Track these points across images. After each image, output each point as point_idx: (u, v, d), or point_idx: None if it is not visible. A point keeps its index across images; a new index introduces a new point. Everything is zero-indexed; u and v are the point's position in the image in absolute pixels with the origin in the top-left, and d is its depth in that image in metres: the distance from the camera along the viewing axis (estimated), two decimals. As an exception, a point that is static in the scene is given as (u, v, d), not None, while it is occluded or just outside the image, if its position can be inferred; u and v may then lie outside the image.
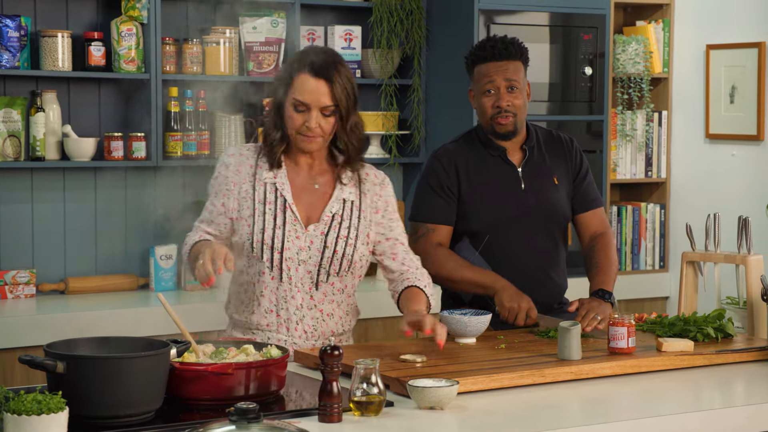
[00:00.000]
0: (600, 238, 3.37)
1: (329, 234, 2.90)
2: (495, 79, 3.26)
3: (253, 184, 2.90)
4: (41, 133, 4.22)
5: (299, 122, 2.85)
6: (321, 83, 2.82)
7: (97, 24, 4.42)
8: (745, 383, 2.81)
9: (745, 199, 4.89)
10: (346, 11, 4.87)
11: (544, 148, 3.38)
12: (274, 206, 2.89)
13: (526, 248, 3.32)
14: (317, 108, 2.83)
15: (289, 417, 2.37)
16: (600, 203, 3.44)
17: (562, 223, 3.40)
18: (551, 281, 3.36)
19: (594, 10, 4.90)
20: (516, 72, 3.27)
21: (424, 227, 3.33)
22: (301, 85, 2.83)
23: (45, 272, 4.38)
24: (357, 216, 2.94)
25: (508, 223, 3.30)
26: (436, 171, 3.34)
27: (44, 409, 2.07)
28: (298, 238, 2.88)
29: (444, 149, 3.38)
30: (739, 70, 4.98)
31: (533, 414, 2.46)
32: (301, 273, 2.90)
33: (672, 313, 4.93)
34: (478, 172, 3.33)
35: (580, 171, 3.41)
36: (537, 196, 3.32)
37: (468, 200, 3.31)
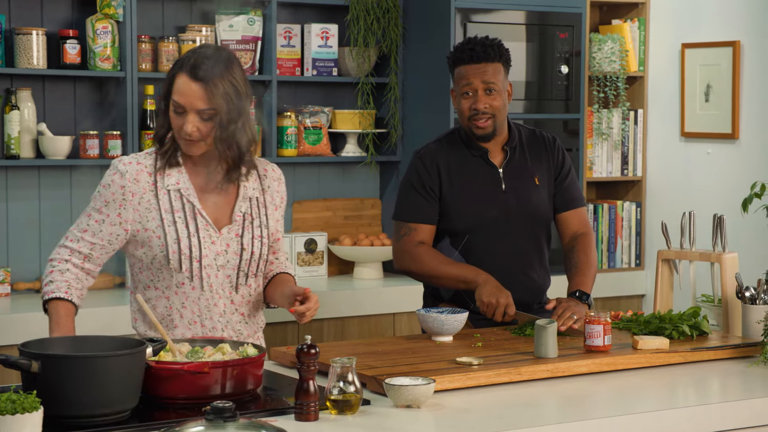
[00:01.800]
0: (580, 238, 3.37)
1: (244, 235, 2.81)
2: (472, 81, 3.26)
3: (155, 193, 2.75)
4: (16, 131, 4.19)
5: (177, 125, 2.72)
6: (197, 86, 2.68)
7: (73, 21, 4.40)
8: (720, 380, 2.83)
9: (720, 198, 4.91)
10: (323, 9, 4.86)
11: (526, 147, 3.39)
12: (183, 213, 2.75)
13: (506, 249, 3.33)
14: (193, 111, 2.69)
15: (266, 415, 2.36)
16: (582, 203, 3.44)
17: (543, 224, 3.40)
18: (531, 281, 3.37)
19: (570, 8, 4.92)
20: (494, 74, 3.27)
21: (406, 227, 3.33)
22: (179, 86, 2.70)
23: (20, 271, 4.36)
24: (264, 213, 2.86)
25: (488, 223, 3.31)
26: (418, 170, 3.34)
27: (18, 408, 2.05)
28: (214, 243, 2.77)
29: (426, 148, 3.38)
30: (715, 69, 5.01)
31: (510, 412, 2.46)
32: (221, 279, 2.79)
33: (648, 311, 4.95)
34: (460, 172, 3.33)
35: (561, 170, 3.41)
36: (517, 197, 3.33)
37: (449, 200, 3.32)
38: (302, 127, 4.75)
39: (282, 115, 4.70)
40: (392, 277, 4.78)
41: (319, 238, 4.80)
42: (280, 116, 4.69)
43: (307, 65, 4.77)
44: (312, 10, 4.84)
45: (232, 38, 4.58)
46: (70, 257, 2.77)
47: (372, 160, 4.89)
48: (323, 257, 4.81)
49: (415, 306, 4.24)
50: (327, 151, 4.81)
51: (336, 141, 4.93)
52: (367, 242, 4.77)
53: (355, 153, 4.88)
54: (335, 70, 4.81)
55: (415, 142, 4.84)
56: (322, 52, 4.77)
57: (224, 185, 2.80)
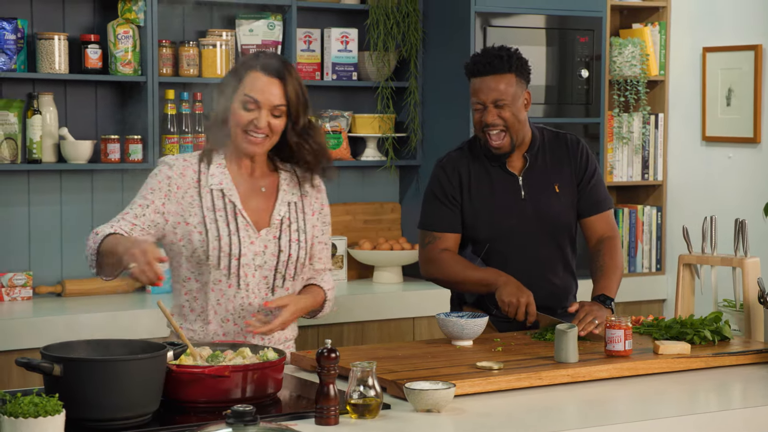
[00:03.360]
0: (606, 242, 3.34)
1: (281, 237, 2.85)
2: (482, 95, 3.24)
3: (198, 190, 2.82)
4: (38, 135, 4.22)
5: (246, 120, 2.77)
6: (273, 81, 2.77)
7: (94, 26, 4.42)
8: (742, 386, 2.81)
9: (741, 202, 4.89)
10: (343, 14, 4.87)
11: (547, 153, 3.36)
12: (225, 213, 2.81)
13: (527, 256, 3.32)
14: (268, 107, 2.77)
15: (286, 419, 2.37)
16: (608, 205, 3.40)
17: (565, 230, 3.38)
18: (554, 286, 3.36)
19: (590, 12, 4.91)
20: (505, 86, 3.22)
21: (430, 235, 3.34)
22: (252, 82, 2.77)
23: (42, 275, 4.38)
24: (302, 219, 2.91)
25: (508, 231, 3.31)
26: (440, 180, 3.35)
27: (41, 411, 2.07)
28: (253, 244, 2.82)
29: (448, 157, 3.38)
30: (736, 73, 4.99)
31: (530, 417, 2.46)
32: (257, 279, 2.84)
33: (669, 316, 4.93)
34: (480, 180, 3.33)
35: (585, 173, 3.37)
36: (537, 205, 3.32)
37: (469, 209, 3.32)
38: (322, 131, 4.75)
39: (302, 119, 4.70)
40: (412, 282, 4.78)
41: (339, 243, 4.80)
42: (300, 120, 4.69)
43: (326, 69, 4.77)
44: (332, 14, 4.85)
45: (252, 43, 4.60)
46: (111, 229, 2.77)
47: (392, 165, 4.89)
48: (343, 261, 4.81)
49: (435, 310, 4.23)
50: (347, 155, 4.82)
51: (356, 145, 4.94)
52: (386, 246, 4.77)
53: (374, 157, 4.89)
54: (355, 74, 4.81)
55: (435, 146, 4.84)
56: (342, 57, 4.78)
57: (267, 188, 2.87)
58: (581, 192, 3.37)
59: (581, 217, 3.39)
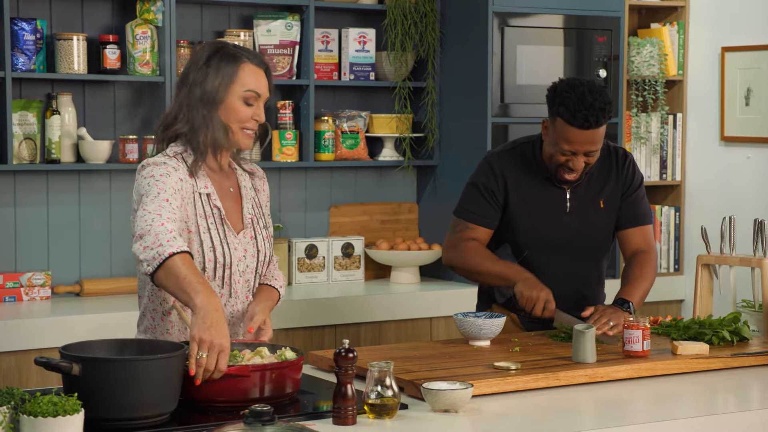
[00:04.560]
0: (640, 255, 3.32)
1: (257, 237, 2.77)
2: (577, 146, 3.14)
3: (193, 197, 2.67)
4: (57, 135, 4.24)
5: (248, 115, 2.67)
6: (262, 72, 2.69)
7: (112, 27, 4.43)
8: (761, 387, 2.80)
9: (760, 202, 4.87)
10: (360, 14, 4.87)
11: (596, 167, 3.32)
12: (213, 219, 2.68)
13: (563, 268, 3.31)
14: (263, 99, 2.68)
15: (304, 419, 2.37)
16: (648, 221, 3.37)
17: (604, 246, 3.37)
18: (584, 298, 3.36)
19: (608, 12, 4.89)
20: (600, 137, 3.15)
21: (462, 224, 3.32)
22: (250, 76, 2.65)
23: (60, 274, 4.40)
24: (261, 213, 2.82)
25: (548, 242, 3.30)
26: (486, 174, 3.31)
27: (60, 411, 2.08)
28: (236, 250, 2.72)
29: (499, 156, 3.33)
30: (755, 72, 4.96)
31: (547, 417, 2.45)
32: (242, 284, 2.75)
33: (687, 316, 4.92)
34: (527, 187, 3.29)
35: (630, 187, 3.34)
36: (580, 221, 3.30)
37: (512, 212, 3.30)
38: (339, 131, 4.76)
39: (319, 119, 4.71)
40: (429, 282, 4.78)
41: (356, 243, 4.81)
42: (317, 121, 4.70)
43: (344, 69, 4.78)
44: (349, 14, 4.85)
45: (269, 43, 4.60)
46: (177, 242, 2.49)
47: (409, 165, 4.89)
48: (360, 261, 4.81)
49: (452, 310, 4.23)
50: (364, 155, 4.82)
51: (373, 145, 4.94)
52: (404, 246, 4.77)
53: (392, 157, 4.89)
54: (372, 74, 4.81)
55: (452, 146, 4.84)
56: (360, 57, 4.78)
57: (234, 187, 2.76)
58: (623, 203, 3.34)
59: (619, 229, 3.36)
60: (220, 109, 2.66)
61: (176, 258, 2.42)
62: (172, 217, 2.54)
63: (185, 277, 2.41)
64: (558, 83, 3.18)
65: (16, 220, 4.32)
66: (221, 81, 2.65)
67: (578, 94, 3.10)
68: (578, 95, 3.10)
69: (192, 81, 2.68)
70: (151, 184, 2.59)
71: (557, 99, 3.14)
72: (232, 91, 2.65)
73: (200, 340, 2.34)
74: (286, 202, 4.79)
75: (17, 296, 4.25)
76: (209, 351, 2.34)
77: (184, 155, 2.69)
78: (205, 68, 2.67)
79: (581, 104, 3.09)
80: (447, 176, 4.89)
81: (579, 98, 3.10)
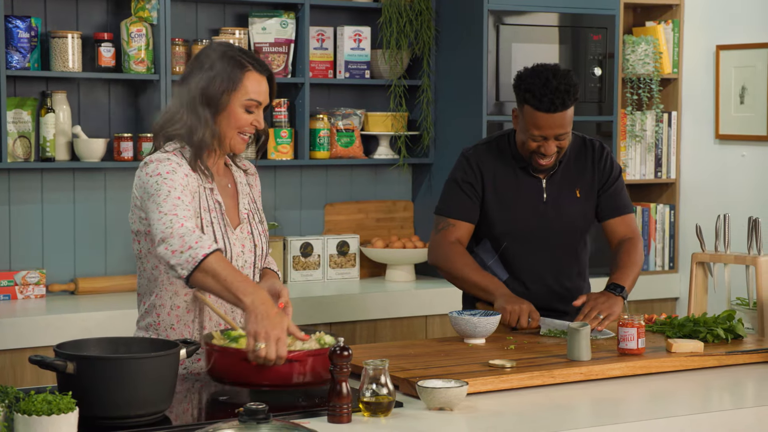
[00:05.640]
0: (627, 242, 3.36)
1: (253, 232, 2.81)
2: (546, 130, 3.18)
3: (198, 191, 2.70)
4: (51, 133, 4.23)
5: (246, 122, 2.70)
6: (264, 80, 2.72)
7: (107, 25, 4.43)
8: (755, 384, 2.81)
9: (755, 200, 4.87)
10: (356, 12, 4.87)
11: (572, 158, 3.36)
12: (216, 213, 2.72)
13: (542, 258, 3.34)
14: (262, 106, 2.73)
15: (299, 417, 2.37)
16: (629, 210, 3.41)
17: (580, 235, 3.40)
18: (566, 290, 3.38)
19: (603, 10, 4.90)
20: (567, 119, 3.19)
21: (445, 221, 3.35)
22: (252, 84, 2.68)
23: (55, 273, 4.39)
24: (256, 208, 2.86)
25: (526, 231, 3.32)
26: (464, 168, 3.35)
27: (54, 409, 2.07)
28: (234, 245, 2.75)
29: (475, 149, 3.38)
30: (749, 71, 4.97)
31: (543, 415, 2.46)
32: None
33: (682, 314, 4.92)
34: (503, 177, 3.33)
35: (608, 178, 3.38)
36: (557, 209, 3.33)
37: (490, 204, 3.33)
38: (335, 129, 4.76)
39: (314, 117, 4.71)
40: (424, 280, 4.78)
41: (352, 241, 4.81)
42: (312, 118, 4.70)
43: (339, 68, 4.77)
44: (344, 12, 4.85)
45: (265, 41, 4.60)
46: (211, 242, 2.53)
47: (404, 163, 4.89)
48: (355, 259, 4.81)
49: (447, 308, 4.23)
50: (359, 153, 4.82)
51: (368, 143, 4.94)
52: (399, 244, 4.77)
53: (387, 155, 4.89)
54: (368, 72, 4.81)
55: (448, 144, 4.84)
56: (355, 55, 4.78)
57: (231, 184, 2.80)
58: (603, 196, 3.38)
59: (602, 220, 3.40)
60: (222, 114, 2.69)
61: (211, 258, 2.47)
62: (188, 215, 2.57)
63: (226, 277, 2.46)
64: (522, 71, 3.24)
65: (11, 218, 4.31)
66: (224, 87, 2.67)
67: (542, 79, 3.16)
68: (542, 80, 3.15)
69: (194, 83, 2.70)
70: (159, 183, 2.60)
71: (522, 86, 3.19)
72: (234, 98, 2.68)
73: (255, 333, 2.42)
74: (281, 200, 4.79)
75: (12, 294, 4.25)
76: (266, 342, 2.40)
77: (182, 151, 2.71)
78: (209, 72, 2.69)
79: (546, 88, 3.14)
80: (442, 174, 4.89)
81: (543, 83, 3.15)
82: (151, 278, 2.74)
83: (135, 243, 2.74)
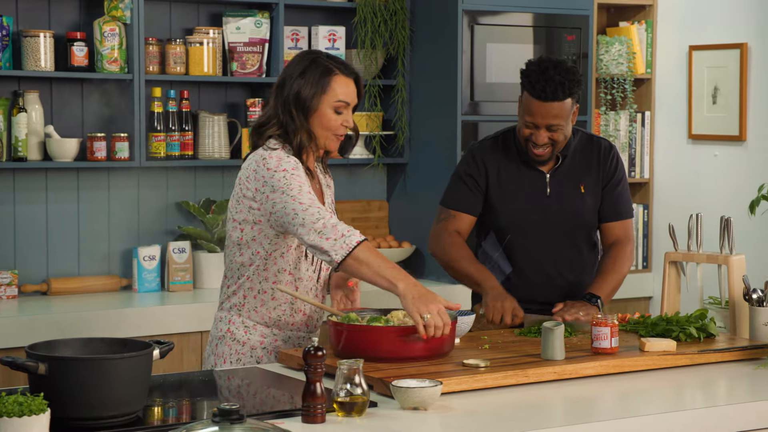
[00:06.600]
0: (615, 248, 3.40)
1: None
2: (538, 118, 3.23)
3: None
4: (23, 133, 4.20)
5: (337, 123, 2.92)
6: (351, 82, 2.93)
7: (80, 24, 4.40)
8: (728, 383, 2.82)
9: (727, 200, 4.90)
10: (330, 12, 4.87)
11: (578, 154, 3.40)
12: None
13: (546, 252, 3.38)
14: (353, 104, 2.95)
15: (273, 418, 2.36)
16: (628, 215, 3.45)
17: (585, 230, 3.43)
18: (568, 284, 3.41)
19: (577, 11, 4.91)
20: (561, 112, 3.22)
21: (446, 212, 3.41)
22: (340, 86, 2.90)
23: (27, 273, 4.37)
24: (332, 207, 3.09)
25: (529, 225, 3.36)
26: (468, 163, 3.41)
27: (26, 410, 2.06)
28: None
29: (481, 145, 3.44)
30: (722, 71, 5.00)
31: (517, 414, 2.46)
32: (324, 272, 3.02)
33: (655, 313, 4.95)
34: (507, 172, 3.38)
35: (611, 180, 3.41)
36: (560, 203, 3.36)
37: (494, 198, 3.38)
38: (309, 129, 4.75)
39: (289, 117, 4.69)
40: (399, 280, 4.77)
41: (326, 241, 4.80)
42: (287, 118, 4.69)
43: (314, 67, 4.76)
44: (319, 12, 4.85)
45: (239, 40, 4.59)
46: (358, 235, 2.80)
47: (379, 163, 4.89)
48: (330, 259, 4.81)
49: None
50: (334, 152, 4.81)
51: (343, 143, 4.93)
52: (374, 244, 4.77)
53: (362, 155, 4.88)
54: (342, 72, 4.80)
55: (423, 144, 4.84)
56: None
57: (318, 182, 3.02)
58: (605, 197, 3.42)
59: (601, 221, 3.44)
60: (313, 116, 2.91)
61: (362, 247, 2.74)
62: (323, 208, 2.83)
63: (379, 265, 2.73)
64: (530, 60, 3.32)
65: (-17, 218, 4.28)
66: (315, 91, 2.90)
67: (542, 68, 3.23)
68: (541, 69, 3.23)
69: (288, 90, 2.93)
70: (288, 178, 2.83)
71: (525, 72, 3.27)
72: (324, 100, 2.90)
73: (419, 309, 2.68)
74: (255, 200, 4.77)
75: (-16, 295, 4.22)
76: (431, 314, 2.67)
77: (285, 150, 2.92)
78: (300, 79, 2.92)
79: (542, 76, 3.21)
80: (417, 174, 4.89)
81: (541, 71, 3.22)
82: (246, 263, 2.93)
83: (236, 230, 2.92)
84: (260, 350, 2.95)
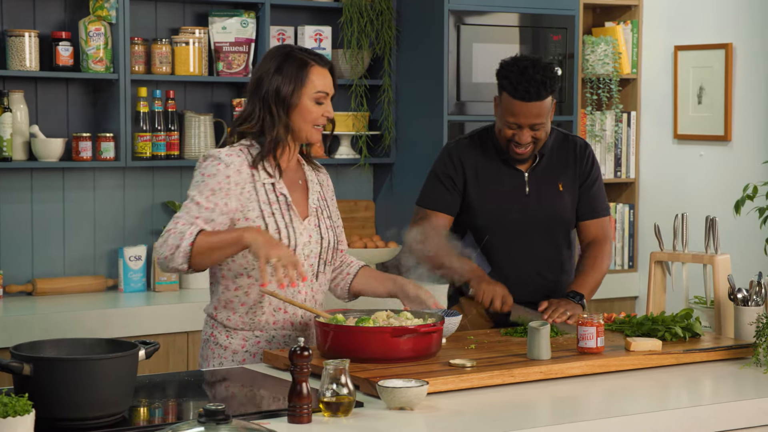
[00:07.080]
0: (594, 246, 3.40)
1: (321, 225, 2.97)
2: (521, 118, 3.22)
3: (254, 185, 2.88)
4: (8, 133, 4.19)
5: (318, 114, 2.90)
6: (327, 72, 2.92)
7: (65, 23, 4.39)
8: (713, 382, 2.83)
9: (712, 200, 4.92)
10: (316, 11, 4.86)
11: (555, 153, 3.40)
12: (278, 206, 2.90)
13: (524, 251, 3.37)
14: (331, 95, 2.93)
15: (259, 418, 2.36)
16: (604, 213, 3.45)
17: (564, 228, 3.43)
18: (548, 282, 3.40)
19: (563, 11, 4.92)
20: (542, 110, 3.22)
21: (423, 212, 3.39)
22: (318, 78, 2.89)
23: (12, 273, 4.35)
24: (326, 205, 3.04)
25: (508, 225, 3.35)
26: (445, 162, 3.39)
27: (10, 411, 2.05)
28: (301, 234, 2.92)
29: (457, 144, 3.42)
30: (707, 71, 5.02)
31: (502, 414, 2.46)
32: (306, 267, 2.94)
33: (640, 313, 4.96)
34: (485, 171, 3.36)
35: (588, 178, 3.42)
36: (539, 202, 3.36)
37: (472, 197, 3.36)
38: (295, 129, 4.75)
39: (275, 117, 4.69)
40: (385, 280, 4.77)
41: (313, 241, 4.79)
42: (273, 118, 4.68)
43: (300, 67, 4.76)
44: (305, 12, 4.84)
45: (225, 40, 4.58)
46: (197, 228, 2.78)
47: (365, 162, 4.89)
48: (316, 259, 4.80)
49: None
50: (321, 153, 4.80)
51: (330, 143, 4.93)
52: (360, 244, 4.77)
53: (348, 155, 4.88)
54: (328, 72, 4.80)
55: (409, 144, 4.84)
56: (316, 55, 4.76)
57: (302, 179, 2.98)
58: (582, 195, 3.42)
59: (579, 220, 3.44)
60: (294, 111, 2.90)
61: (197, 242, 2.71)
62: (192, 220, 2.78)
63: (221, 241, 2.73)
64: (505, 60, 3.29)
65: (-33, 218, 4.27)
66: (294, 86, 2.88)
67: (521, 67, 3.21)
68: (521, 68, 3.21)
69: (266, 87, 2.90)
70: (197, 183, 2.84)
71: (502, 73, 3.25)
72: (304, 93, 2.89)
73: (266, 255, 2.66)
74: (241, 200, 4.77)
75: (-32, 296, 4.20)
76: (278, 256, 2.65)
77: (250, 148, 2.90)
78: (277, 75, 2.89)
79: (523, 77, 3.19)
80: (403, 174, 4.90)
81: (521, 71, 3.20)
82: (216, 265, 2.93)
83: None
84: (242, 353, 2.92)
